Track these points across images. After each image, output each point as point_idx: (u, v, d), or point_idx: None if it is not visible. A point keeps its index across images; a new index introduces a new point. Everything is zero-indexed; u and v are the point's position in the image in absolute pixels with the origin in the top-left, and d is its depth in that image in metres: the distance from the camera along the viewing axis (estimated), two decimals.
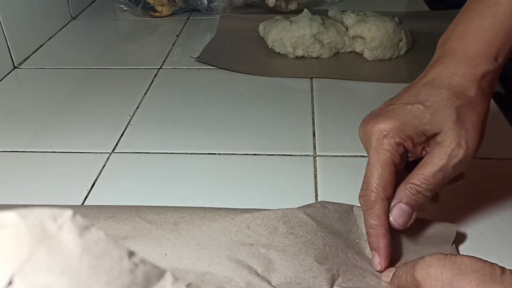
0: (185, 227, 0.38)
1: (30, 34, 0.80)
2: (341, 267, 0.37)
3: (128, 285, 0.22)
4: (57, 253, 0.21)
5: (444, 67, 0.39)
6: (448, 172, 0.37)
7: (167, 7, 0.93)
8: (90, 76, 0.74)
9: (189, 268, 0.36)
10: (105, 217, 0.39)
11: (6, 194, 0.50)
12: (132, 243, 0.37)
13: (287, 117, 0.62)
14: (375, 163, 0.38)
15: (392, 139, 0.37)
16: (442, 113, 0.37)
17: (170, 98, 0.67)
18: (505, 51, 0.40)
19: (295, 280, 0.36)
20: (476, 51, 0.39)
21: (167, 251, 0.37)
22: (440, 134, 0.38)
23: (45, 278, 0.20)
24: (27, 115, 0.65)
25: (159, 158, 0.55)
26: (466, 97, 0.38)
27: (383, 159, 0.37)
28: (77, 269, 0.21)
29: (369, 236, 0.39)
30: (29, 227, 0.21)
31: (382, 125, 0.38)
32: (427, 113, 0.38)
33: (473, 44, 0.39)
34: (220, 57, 0.76)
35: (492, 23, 0.39)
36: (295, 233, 0.38)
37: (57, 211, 0.23)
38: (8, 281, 0.20)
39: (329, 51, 0.75)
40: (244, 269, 0.36)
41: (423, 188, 0.37)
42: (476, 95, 0.38)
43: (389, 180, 0.38)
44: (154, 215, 0.39)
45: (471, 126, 0.38)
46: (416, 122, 0.38)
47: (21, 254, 0.21)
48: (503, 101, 0.63)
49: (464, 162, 0.38)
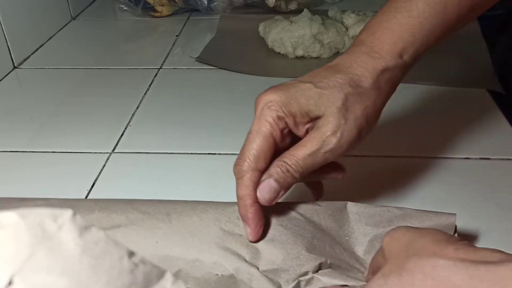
0: (177, 217, 0.39)
1: (30, 34, 0.80)
2: (328, 259, 0.37)
3: (128, 285, 0.22)
4: (57, 253, 0.21)
5: (349, 55, 0.39)
6: (318, 158, 0.37)
7: (167, 7, 0.93)
8: (90, 76, 0.74)
9: (180, 255, 0.37)
10: (99, 208, 0.40)
11: (6, 194, 0.50)
12: (125, 231, 0.38)
13: None
14: (253, 133, 0.37)
15: (274, 112, 0.37)
16: (329, 97, 0.37)
17: (170, 98, 0.67)
18: (413, 50, 0.40)
19: (282, 267, 0.36)
20: (381, 45, 0.39)
21: (158, 239, 0.38)
22: (321, 118, 0.37)
23: (45, 278, 0.20)
24: (27, 115, 0.65)
25: (159, 158, 0.55)
26: (358, 87, 0.38)
27: (262, 130, 0.37)
28: (77, 269, 0.21)
29: (238, 207, 0.38)
30: (29, 227, 0.21)
31: (269, 97, 0.37)
32: (315, 94, 0.37)
33: (380, 38, 0.39)
34: (220, 57, 0.76)
35: (402, 19, 0.39)
36: (284, 225, 0.39)
37: (57, 211, 0.23)
38: (8, 281, 0.20)
39: (329, 51, 0.75)
40: (232, 256, 0.37)
41: (293, 169, 0.37)
42: (369, 86, 0.38)
43: (263, 152, 0.37)
44: (147, 207, 0.40)
45: (353, 118, 0.37)
46: (302, 101, 0.37)
47: (21, 254, 0.21)
48: (503, 101, 0.63)
49: (334, 152, 0.37)
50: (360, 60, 0.39)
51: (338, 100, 0.37)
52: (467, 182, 0.50)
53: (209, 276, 0.36)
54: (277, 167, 0.37)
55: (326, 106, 0.37)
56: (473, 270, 0.26)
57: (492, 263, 0.26)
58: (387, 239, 0.32)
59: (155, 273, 0.24)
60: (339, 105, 0.37)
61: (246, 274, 0.36)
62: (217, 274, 0.36)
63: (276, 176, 0.37)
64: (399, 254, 0.30)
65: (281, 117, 0.37)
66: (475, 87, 0.66)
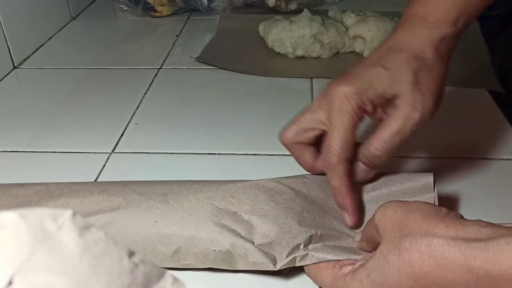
0: (173, 197, 0.41)
1: (30, 34, 0.80)
2: (319, 229, 0.39)
3: (128, 285, 0.22)
4: (57, 253, 0.21)
5: (405, 31, 0.41)
6: (405, 134, 0.39)
7: (167, 7, 0.93)
8: (90, 76, 0.74)
9: (178, 233, 0.39)
10: (98, 191, 0.42)
11: None
12: (125, 212, 0.40)
13: (287, 117, 0.62)
14: (337, 126, 0.39)
15: (354, 102, 0.38)
16: (400, 76, 0.39)
17: (170, 98, 0.67)
18: (465, 17, 0.41)
19: (275, 241, 0.38)
20: (435, 15, 0.40)
21: (157, 219, 0.40)
22: (398, 97, 0.39)
23: (45, 278, 0.20)
24: (27, 115, 0.65)
25: (159, 158, 0.55)
26: (423, 60, 0.39)
27: (345, 122, 0.38)
28: (77, 269, 0.21)
29: (335, 197, 0.40)
30: (29, 227, 0.21)
31: (345, 88, 0.39)
32: (386, 76, 0.39)
33: (433, 9, 0.40)
34: (220, 57, 0.76)
35: None
36: (275, 200, 0.41)
37: (57, 211, 0.23)
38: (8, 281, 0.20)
39: (329, 51, 0.75)
40: (228, 232, 0.39)
41: (379, 152, 0.39)
42: (433, 57, 0.39)
43: (350, 143, 0.39)
44: (144, 188, 0.42)
45: (427, 89, 0.39)
46: (376, 85, 0.39)
47: (21, 254, 0.21)
48: (503, 101, 0.63)
49: (419, 125, 0.39)
50: (418, 33, 0.40)
51: (410, 77, 0.38)
52: (467, 182, 0.50)
53: (207, 252, 0.39)
54: (364, 152, 0.40)
55: (399, 84, 0.38)
56: (465, 248, 0.29)
57: (481, 240, 0.29)
58: (379, 216, 0.34)
59: (155, 273, 0.24)
60: (411, 80, 0.38)
61: (242, 249, 0.38)
62: (215, 250, 0.38)
63: (364, 160, 0.40)
64: (393, 232, 0.33)
65: (360, 106, 0.38)
66: (475, 87, 0.65)
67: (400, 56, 0.39)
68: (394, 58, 0.39)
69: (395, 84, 0.38)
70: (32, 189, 0.43)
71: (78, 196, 0.41)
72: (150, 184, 0.43)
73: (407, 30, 0.41)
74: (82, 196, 0.41)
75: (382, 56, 0.40)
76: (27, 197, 0.42)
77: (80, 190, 0.42)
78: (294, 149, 0.42)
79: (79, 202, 0.41)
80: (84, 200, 0.41)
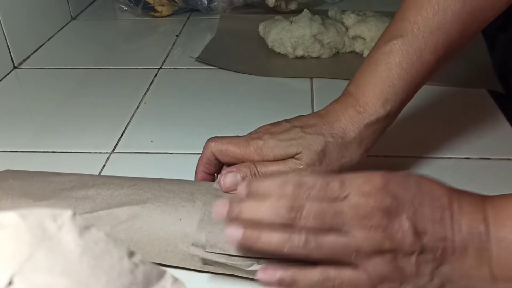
0: (200, 197, 0.41)
1: (30, 34, 0.80)
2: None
3: (128, 285, 0.22)
4: (57, 253, 0.21)
5: (338, 106, 0.44)
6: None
7: (167, 7, 0.93)
8: (90, 76, 0.74)
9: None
10: (128, 184, 0.43)
11: None
12: (151, 207, 0.40)
13: (287, 117, 0.62)
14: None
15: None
16: (311, 141, 0.42)
17: (170, 98, 0.67)
18: (395, 99, 0.43)
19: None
20: (365, 98, 0.43)
21: (182, 217, 0.40)
22: (300, 154, 0.42)
23: (45, 278, 0.20)
24: (27, 115, 0.65)
25: (159, 158, 0.55)
26: (340, 138, 0.43)
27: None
28: (77, 269, 0.21)
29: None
30: (29, 227, 0.21)
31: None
32: (299, 137, 0.43)
33: (364, 91, 0.43)
34: (220, 57, 0.76)
35: (382, 72, 0.43)
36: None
37: (57, 211, 0.23)
38: (8, 281, 0.20)
39: (329, 51, 0.75)
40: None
41: (259, 176, 0.43)
42: (351, 140, 0.43)
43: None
44: (173, 186, 0.43)
45: (327, 163, 0.43)
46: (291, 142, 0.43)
47: (21, 254, 0.21)
48: (503, 101, 0.63)
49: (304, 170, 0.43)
50: (347, 113, 0.43)
51: (318, 145, 0.42)
52: (467, 182, 0.50)
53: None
54: (248, 168, 0.43)
55: (306, 147, 0.42)
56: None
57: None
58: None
59: (155, 273, 0.24)
60: (317, 149, 0.42)
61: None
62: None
63: (244, 175, 0.43)
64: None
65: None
66: (475, 87, 0.66)
67: (320, 127, 0.43)
68: (315, 126, 0.43)
69: (303, 145, 0.42)
70: (67, 178, 0.44)
71: (109, 188, 0.42)
72: (179, 183, 0.43)
73: (339, 105, 0.44)
74: (113, 188, 0.42)
75: (308, 120, 0.44)
76: (61, 185, 0.43)
77: (112, 182, 0.43)
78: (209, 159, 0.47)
79: (109, 193, 0.41)
80: (114, 192, 0.42)
